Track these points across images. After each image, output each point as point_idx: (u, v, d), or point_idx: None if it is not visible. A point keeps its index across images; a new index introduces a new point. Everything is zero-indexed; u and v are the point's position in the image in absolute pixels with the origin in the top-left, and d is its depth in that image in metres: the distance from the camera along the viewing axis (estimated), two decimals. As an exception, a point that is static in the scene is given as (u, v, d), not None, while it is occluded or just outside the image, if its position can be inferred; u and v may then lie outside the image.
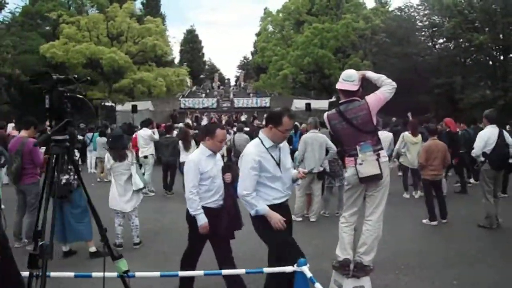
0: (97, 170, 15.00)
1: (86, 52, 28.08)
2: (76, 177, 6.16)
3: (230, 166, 4.77)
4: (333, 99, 30.07)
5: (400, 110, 26.86)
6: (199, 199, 4.44)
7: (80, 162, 16.90)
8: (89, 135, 14.44)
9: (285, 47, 35.04)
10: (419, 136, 10.66)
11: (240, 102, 41.02)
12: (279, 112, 4.13)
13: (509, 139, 7.84)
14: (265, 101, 39.04)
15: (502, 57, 28.79)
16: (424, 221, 8.36)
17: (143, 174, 12.26)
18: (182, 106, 39.02)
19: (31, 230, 6.65)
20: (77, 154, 14.62)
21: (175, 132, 14.19)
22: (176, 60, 63.43)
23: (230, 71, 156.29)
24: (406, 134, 10.78)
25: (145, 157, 12.04)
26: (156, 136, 12.41)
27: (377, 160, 4.53)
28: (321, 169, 8.50)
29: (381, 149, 4.69)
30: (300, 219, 8.52)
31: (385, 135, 11.36)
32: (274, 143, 4.12)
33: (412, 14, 32.60)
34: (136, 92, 30.50)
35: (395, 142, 11.00)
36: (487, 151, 7.68)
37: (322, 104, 32.07)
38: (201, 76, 75.01)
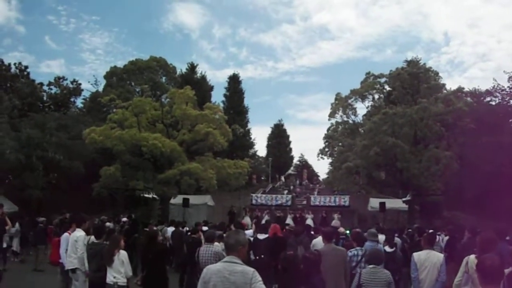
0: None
1: (128, 138, 26.06)
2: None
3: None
4: (408, 197, 24.55)
5: (499, 212, 20.94)
6: None
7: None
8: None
9: (353, 137, 30.50)
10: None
11: (316, 200, 35.83)
12: None
13: None
14: (344, 200, 33.43)
15: None
16: None
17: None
18: (254, 202, 34.96)
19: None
20: None
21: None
22: (262, 154, 63.12)
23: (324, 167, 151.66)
24: (472, 258, 6.32)
25: (73, 271, 8.35)
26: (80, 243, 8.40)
27: None
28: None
29: None
30: None
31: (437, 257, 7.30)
32: None
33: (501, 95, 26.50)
34: (183, 184, 27.40)
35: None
36: None
37: (397, 203, 26.80)
38: (289, 172, 72.09)
